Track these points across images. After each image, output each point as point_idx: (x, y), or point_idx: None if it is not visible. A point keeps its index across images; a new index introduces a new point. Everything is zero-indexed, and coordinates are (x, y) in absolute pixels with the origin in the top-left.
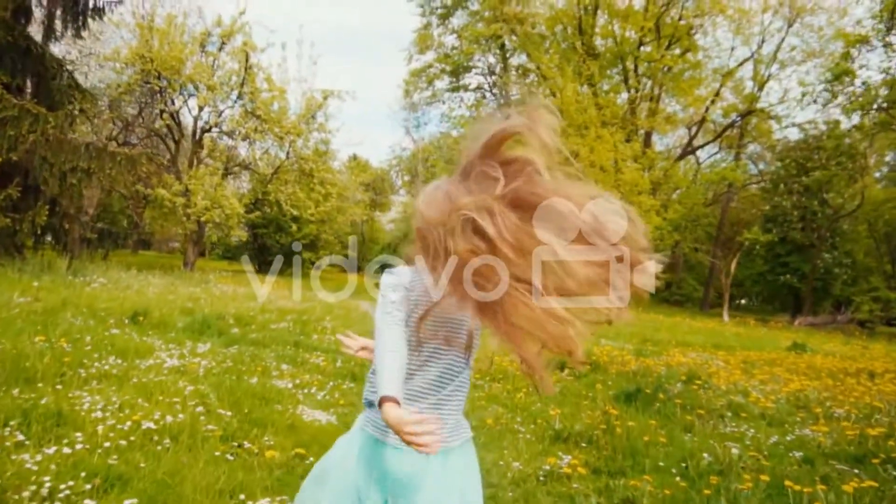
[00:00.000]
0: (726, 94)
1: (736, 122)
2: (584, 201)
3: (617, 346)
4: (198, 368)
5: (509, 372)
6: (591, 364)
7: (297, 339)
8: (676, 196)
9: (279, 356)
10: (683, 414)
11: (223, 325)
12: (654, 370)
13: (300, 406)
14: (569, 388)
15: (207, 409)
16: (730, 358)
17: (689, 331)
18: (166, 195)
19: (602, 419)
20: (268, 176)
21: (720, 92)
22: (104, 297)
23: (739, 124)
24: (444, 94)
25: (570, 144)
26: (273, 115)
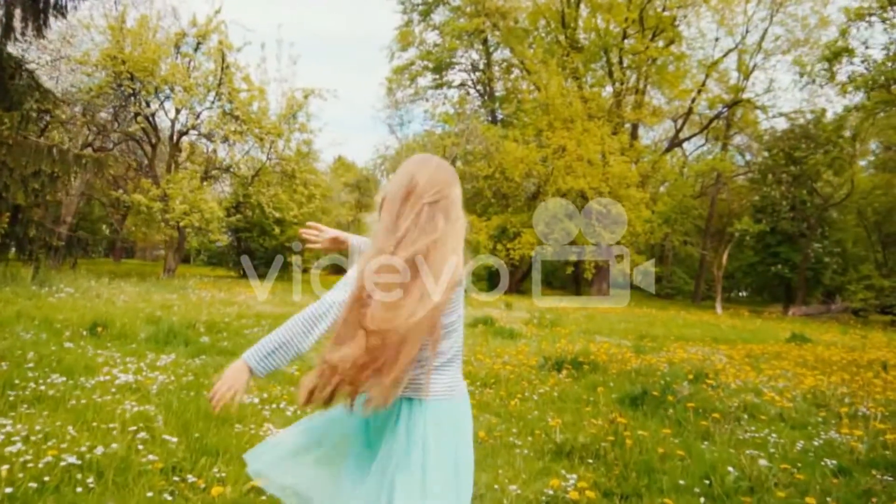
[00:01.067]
0: (711, 85)
1: (722, 113)
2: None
3: (613, 343)
4: (152, 385)
5: (501, 376)
6: (589, 364)
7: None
8: (665, 189)
9: None
10: (697, 419)
11: (192, 334)
12: (657, 368)
13: (266, 425)
14: (567, 391)
15: (151, 435)
16: (732, 352)
17: (685, 324)
18: (143, 200)
19: (608, 429)
20: (248, 178)
21: (705, 83)
22: (67, 307)
23: (726, 115)
24: (427, 92)
25: (556, 139)
26: (252, 116)
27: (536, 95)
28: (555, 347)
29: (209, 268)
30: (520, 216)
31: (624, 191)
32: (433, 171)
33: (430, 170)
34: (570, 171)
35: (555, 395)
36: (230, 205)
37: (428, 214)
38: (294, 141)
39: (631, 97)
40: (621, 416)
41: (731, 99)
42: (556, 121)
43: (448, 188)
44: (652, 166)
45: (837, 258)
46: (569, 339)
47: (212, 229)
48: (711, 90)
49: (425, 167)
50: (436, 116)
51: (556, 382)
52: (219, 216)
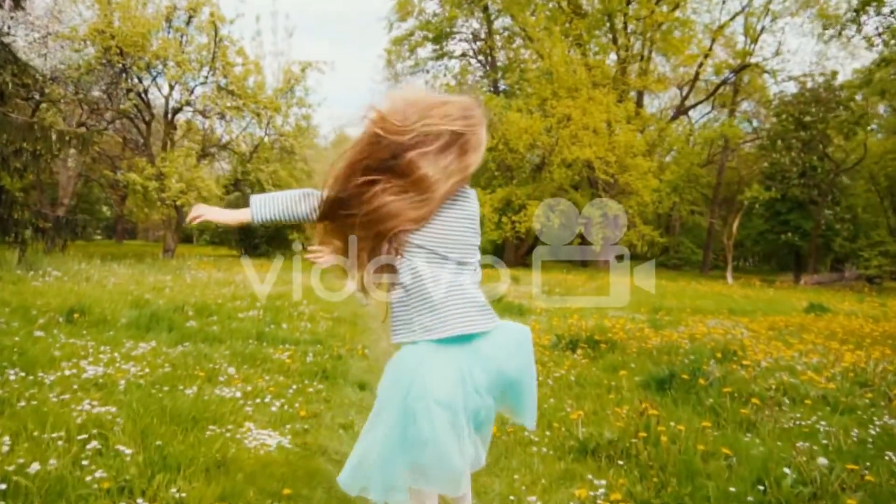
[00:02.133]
0: (718, 50)
1: (729, 79)
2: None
3: (627, 317)
4: (123, 378)
5: None
6: (606, 342)
7: (263, 329)
8: (671, 157)
9: (234, 354)
10: (734, 405)
11: (178, 318)
12: (679, 345)
13: (246, 424)
14: (585, 375)
15: (105, 444)
16: (753, 325)
17: (696, 295)
18: (137, 179)
19: (638, 422)
20: (247, 155)
21: (712, 48)
22: (51, 292)
23: (733, 81)
24: (427, 63)
25: (561, 108)
26: (249, 91)
27: (540, 65)
28: (567, 324)
29: (211, 247)
30: (525, 188)
31: (631, 160)
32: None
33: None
34: (576, 141)
35: (572, 379)
36: (228, 182)
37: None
38: (292, 116)
39: (636, 65)
40: (651, 406)
41: (739, 64)
42: (560, 89)
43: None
44: (658, 134)
45: (848, 225)
46: (580, 314)
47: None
48: (718, 55)
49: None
50: (437, 88)
51: (573, 364)
52: (216, 194)
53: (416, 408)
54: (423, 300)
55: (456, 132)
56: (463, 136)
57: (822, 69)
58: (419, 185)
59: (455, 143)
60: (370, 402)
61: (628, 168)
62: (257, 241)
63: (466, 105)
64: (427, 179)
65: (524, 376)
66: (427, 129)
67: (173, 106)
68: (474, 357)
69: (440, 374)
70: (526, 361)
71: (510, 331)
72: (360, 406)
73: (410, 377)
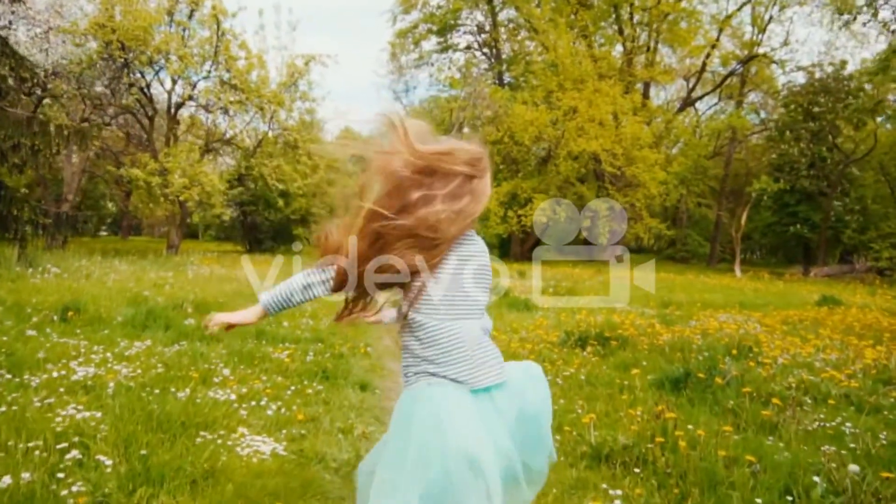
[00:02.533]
0: (725, 41)
1: (736, 70)
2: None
3: (636, 311)
4: (113, 380)
5: (520, 356)
6: (616, 338)
7: (263, 327)
8: (678, 149)
9: (232, 353)
10: (754, 405)
11: (176, 317)
12: (692, 342)
13: (240, 429)
14: (596, 373)
15: (86, 454)
16: (766, 319)
17: (705, 289)
18: (140, 175)
19: (655, 426)
20: (251, 149)
21: (719, 39)
22: (49, 289)
23: (740, 72)
24: (432, 56)
25: (567, 100)
26: (252, 85)
27: (545, 57)
28: (575, 320)
29: (216, 243)
30: (530, 181)
31: (638, 152)
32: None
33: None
34: (582, 133)
35: (582, 378)
36: (232, 177)
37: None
38: (296, 110)
39: (642, 56)
40: (668, 408)
41: (746, 55)
42: (566, 81)
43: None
44: (665, 126)
45: (858, 216)
46: (588, 309)
47: (213, 203)
48: (725, 46)
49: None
50: (441, 81)
51: (582, 362)
52: (220, 189)
53: (455, 470)
54: (439, 352)
55: (468, 175)
56: (474, 180)
57: (831, 59)
58: (432, 227)
59: (467, 186)
60: (371, 404)
61: (635, 160)
62: (262, 236)
63: (478, 151)
64: (439, 222)
65: (543, 408)
66: (444, 166)
67: (176, 101)
68: (493, 412)
69: (472, 433)
70: (543, 395)
71: (520, 368)
72: (360, 408)
73: (441, 431)
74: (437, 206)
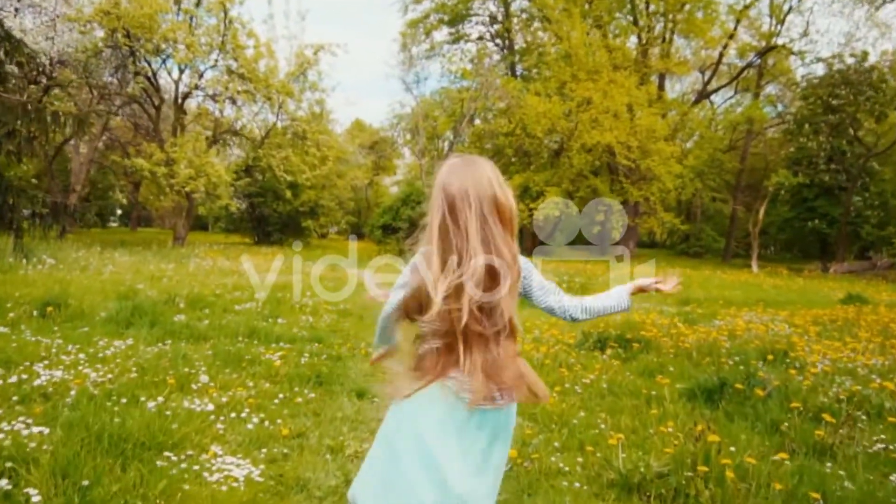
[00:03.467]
0: (742, 33)
1: (754, 61)
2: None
3: (654, 308)
4: (78, 386)
5: (534, 360)
6: (638, 340)
7: (257, 325)
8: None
9: (218, 354)
10: (803, 423)
11: (167, 312)
12: (719, 344)
13: (213, 448)
14: (619, 381)
15: (14, 483)
16: (795, 318)
17: (723, 285)
18: (145, 165)
19: (694, 449)
20: (258, 140)
21: (736, 29)
22: (38, 281)
23: (758, 64)
24: (443, 47)
25: (581, 91)
26: (259, 75)
27: (559, 48)
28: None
29: (224, 235)
30: (543, 174)
31: (653, 144)
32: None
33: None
34: (596, 125)
35: (603, 385)
36: (239, 168)
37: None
38: (305, 101)
39: (657, 48)
40: (708, 428)
41: (764, 46)
42: (579, 72)
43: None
44: (681, 118)
45: (878, 211)
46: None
47: (220, 194)
48: (742, 38)
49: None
50: (453, 72)
51: (603, 367)
52: (226, 180)
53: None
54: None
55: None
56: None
57: (852, 50)
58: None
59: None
60: (367, 415)
61: (650, 153)
62: (270, 228)
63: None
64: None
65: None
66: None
67: (183, 90)
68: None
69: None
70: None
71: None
72: (355, 420)
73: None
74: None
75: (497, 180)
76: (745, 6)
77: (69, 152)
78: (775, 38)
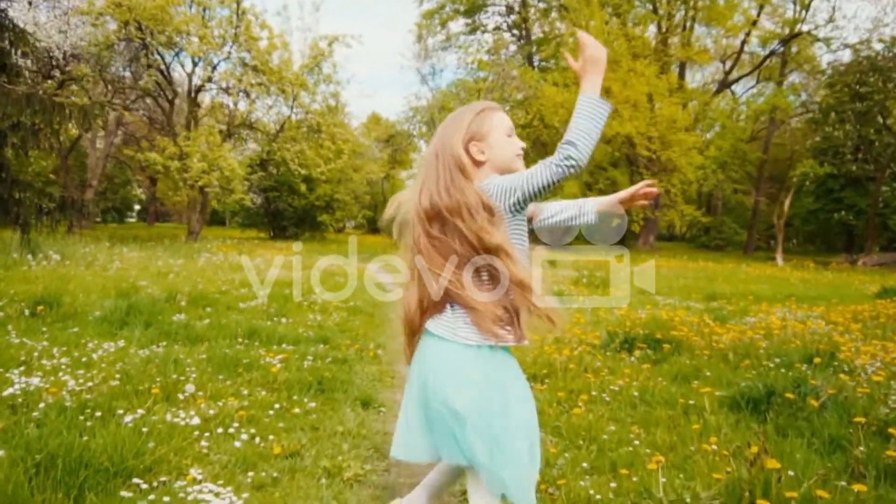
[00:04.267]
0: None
1: (777, 50)
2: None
3: (680, 304)
4: (52, 397)
5: (556, 363)
6: (669, 341)
7: (259, 324)
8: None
9: (213, 358)
10: (869, 440)
11: (166, 310)
12: (756, 345)
13: (193, 471)
14: (650, 388)
15: None
16: (832, 315)
17: (749, 279)
18: (158, 159)
19: (748, 476)
20: (273, 134)
21: (759, 16)
22: (41, 277)
23: (781, 52)
24: (459, 38)
25: None
26: (273, 67)
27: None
28: (617, 316)
29: (241, 230)
30: None
31: (674, 135)
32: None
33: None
34: (616, 115)
35: (634, 394)
36: (254, 162)
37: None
38: (320, 94)
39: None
40: (763, 448)
41: (788, 33)
42: None
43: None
44: (703, 107)
45: None
46: (630, 304)
47: (233, 188)
48: (764, 25)
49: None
50: (469, 63)
51: (632, 371)
52: (240, 174)
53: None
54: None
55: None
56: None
57: (880, 35)
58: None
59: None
60: (371, 429)
61: (671, 144)
62: (285, 223)
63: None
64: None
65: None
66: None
67: (196, 83)
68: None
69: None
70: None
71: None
72: (357, 435)
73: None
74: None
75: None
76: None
77: (86, 147)
78: (800, 24)
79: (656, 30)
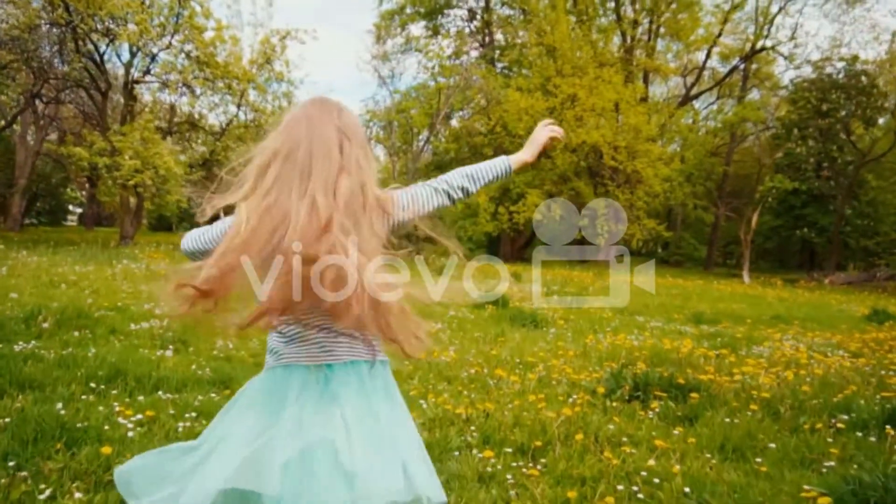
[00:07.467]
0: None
1: (738, 66)
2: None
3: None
4: None
5: (550, 428)
6: (692, 386)
7: (136, 358)
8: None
9: (22, 423)
10: None
11: (17, 334)
12: (798, 391)
13: None
14: (702, 475)
15: None
16: (849, 343)
17: (723, 297)
18: (84, 154)
19: None
20: (217, 132)
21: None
22: None
23: (743, 68)
24: (419, 41)
25: (566, 86)
26: (220, 62)
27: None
28: (610, 344)
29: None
30: (523, 176)
31: (642, 145)
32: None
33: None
34: (582, 124)
35: (684, 488)
36: (196, 162)
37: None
38: (271, 93)
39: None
40: None
41: (751, 49)
42: (565, 66)
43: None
44: (669, 117)
45: (868, 220)
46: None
47: (169, 189)
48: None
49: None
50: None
51: (662, 437)
52: (176, 174)
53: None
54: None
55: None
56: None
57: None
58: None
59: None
60: None
61: (638, 154)
62: None
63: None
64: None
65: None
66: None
67: (134, 75)
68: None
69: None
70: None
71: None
72: None
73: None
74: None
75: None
76: (733, 6)
77: (14, 142)
78: (762, 40)
79: (621, 39)
